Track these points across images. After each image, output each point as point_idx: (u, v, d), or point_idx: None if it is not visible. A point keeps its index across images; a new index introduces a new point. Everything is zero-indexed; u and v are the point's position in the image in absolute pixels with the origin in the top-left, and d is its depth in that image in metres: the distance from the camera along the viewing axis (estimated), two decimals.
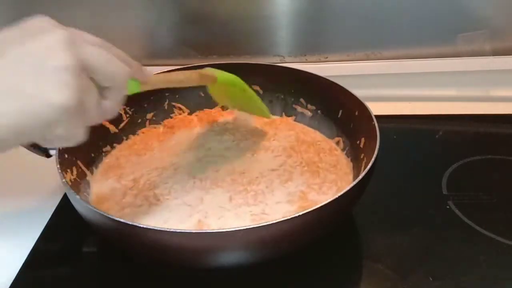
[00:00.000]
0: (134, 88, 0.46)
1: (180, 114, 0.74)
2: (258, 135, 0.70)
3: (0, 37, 0.37)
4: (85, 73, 0.38)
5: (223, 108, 0.74)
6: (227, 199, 0.58)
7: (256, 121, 0.72)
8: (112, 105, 0.42)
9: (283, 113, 0.73)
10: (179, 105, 0.74)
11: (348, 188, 0.49)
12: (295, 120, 0.73)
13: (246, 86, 0.65)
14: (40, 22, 0.39)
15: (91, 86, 0.39)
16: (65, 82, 0.35)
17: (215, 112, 0.74)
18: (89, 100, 0.38)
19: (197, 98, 0.74)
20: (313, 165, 0.63)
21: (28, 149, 0.57)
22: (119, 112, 0.68)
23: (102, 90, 0.40)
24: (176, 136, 0.71)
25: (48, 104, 0.35)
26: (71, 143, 0.39)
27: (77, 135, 0.38)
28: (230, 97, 0.69)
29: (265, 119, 0.72)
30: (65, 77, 0.35)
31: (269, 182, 0.61)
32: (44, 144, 0.39)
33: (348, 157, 0.65)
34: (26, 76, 0.35)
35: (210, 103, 0.74)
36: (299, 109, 0.72)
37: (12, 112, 0.34)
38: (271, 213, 0.56)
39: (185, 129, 0.72)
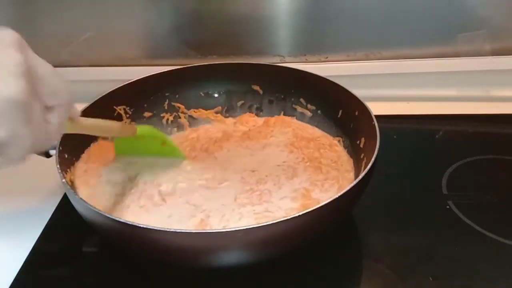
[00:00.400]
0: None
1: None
2: (256, 135, 0.70)
3: None
4: (32, 81, 0.35)
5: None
6: (232, 198, 0.58)
7: (249, 123, 0.73)
8: (54, 128, 0.38)
9: (282, 113, 0.73)
10: (179, 104, 0.74)
11: (348, 188, 0.49)
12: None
13: (166, 138, 0.64)
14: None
15: (37, 98, 0.36)
16: (16, 77, 0.33)
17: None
18: (35, 111, 0.35)
19: (197, 98, 0.74)
20: (315, 160, 0.64)
21: None
22: (119, 112, 0.69)
23: (45, 111, 0.38)
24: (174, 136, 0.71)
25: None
26: (9, 161, 0.36)
27: (18, 151, 0.35)
28: (140, 147, 0.63)
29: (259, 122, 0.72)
30: (17, 71, 0.34)
31: (277, 179, 0.61)
32: None
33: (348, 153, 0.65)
34: None
35: (209, 103, 0.74)
36: (299, 109, 0.72)
37: None
38: (274, 210, 0.56)
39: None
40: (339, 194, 0.48)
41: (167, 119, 0.73)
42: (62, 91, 0.38)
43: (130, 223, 0.46)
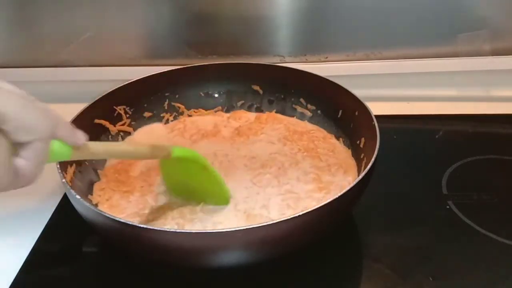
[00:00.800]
0: (63, 154, 0.38)
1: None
2: (246, 132, 0.70)
3: None
4: None
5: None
6: (250, 182, 0.60)
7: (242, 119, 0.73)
8: (29, 167, 0.34)
9: (274, 111, 0.74)
10: (179, 104, 0.74)
11: (348, 188, 0.49)
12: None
13: (208, 164, 0.55)
14: None
15: None
16: None
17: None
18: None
19: (197, 98, 0.74)
20: (312, 151, 0.65)
21: None
22: (119, 112, 0.69)
23: (17, 146, 0.34)
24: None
25: None
26: None
27: None
28: (184, 177, 0.56)
29: (249, 117, 0.72)
30: None
31: (280, 164, 0.63)
32: None
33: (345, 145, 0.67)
34: None
35: (209, 103, 0.74)
36: (299, 109, 0.73)
37: None
38: (297, 191, 0.58)
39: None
40: (339, 194, 0.48)
41: (167, 119, 0.73)
42: (36, 125, 0.33)
43: (130, 223, 0.46)
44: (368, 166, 0.51)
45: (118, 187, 0.60)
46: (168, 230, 0.47)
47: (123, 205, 0.58)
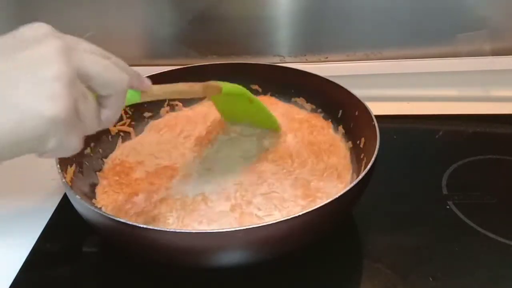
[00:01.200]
0: (134, 98, 0.45)
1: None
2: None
3: None
4: (81, 81, 0.37)
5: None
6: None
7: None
8: (111, 114, 0.41)
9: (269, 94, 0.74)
10: (178, 102, 0.74)
11: (348, 188, 0.49)
12: None
13: (253, 97, 0.64)
14: (35, 30, 0.37)
15: (88, 95, 0.38)
16: (57, 93, 0.34)
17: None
18: (86, 109, 0.37)
19: (197, 98, 0.74)
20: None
21: None
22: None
23: (100, 98, 0.40)
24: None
25: (39, 117, 0.34)
26: (67, 153, 0.38)
27: (72, 146, 0.37)
28: (236, 110, 0.66)
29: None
30: (57, 88, 0.34)
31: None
32: (41, 156, 0.37)
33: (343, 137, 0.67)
34: (18, 87, 0.34)
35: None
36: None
37: (4, 124, 0.33)
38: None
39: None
40: (339, 194, 0.48)
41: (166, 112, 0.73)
42: (114, 82, 0.39)
43: (130, 223, 0.46)
44: (368, 166, 0.51)
45: (122, 189, 0.60)
46: (168, 230, 0.46)
47: (127, 206, 0.58)
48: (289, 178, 0.60)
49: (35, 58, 0.35)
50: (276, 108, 0.72)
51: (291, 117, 0.70)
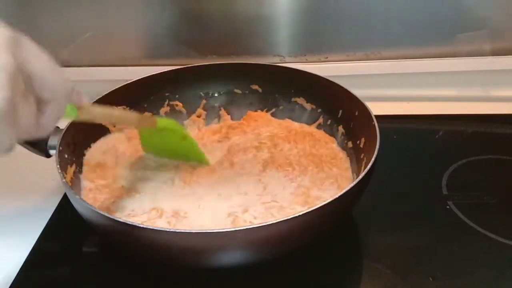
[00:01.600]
0: (71, 113, 0.43)
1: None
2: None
3: None
4: (24, 78, 0.35)
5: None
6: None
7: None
8: (49, 122, 0.38)
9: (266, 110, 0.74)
10: (179, 104, 0.74)
11: (348, 188, 0.49)
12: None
13: (186, 133, 0.63)
14: None
15: (28, 96, 0.36)
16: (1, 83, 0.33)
17: None
18: (23, 109, 0.35)
19: (197, 98, 0.74)
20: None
21: (28, 148, 0.57)
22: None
23: (40, 104, 0.37)
24: None
25: None
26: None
27: (3, 145, 0.34)
28: (164, 144, 0.63)
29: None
30: (1, 77, 0.33)
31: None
32: None
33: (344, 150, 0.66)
34: None
35: (208, 103, 0.74)
36: (298, 108, 0.72)
37: None
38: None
39: None
40: (339, 194, 0.48)
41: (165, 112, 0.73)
42: (59, 86, 0.38)
43: (130, 223, 0.46)
44: (368, 166, 0.51)
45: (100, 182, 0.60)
46: (168, 230, 0.46)
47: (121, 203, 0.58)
48: (291, 186, 0.60)
49: None
50: (270, 123, 0.72)
51: (290, 128, 0.70)
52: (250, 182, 0.60)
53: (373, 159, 0.52)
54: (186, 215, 0.56)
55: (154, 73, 0.71)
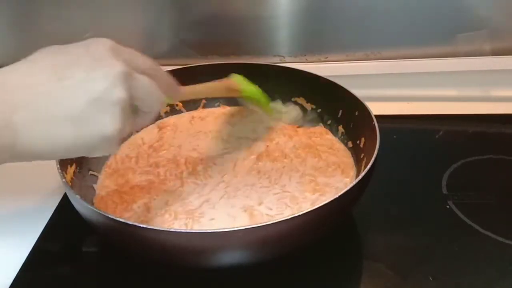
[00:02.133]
0: (167, 100, 0.50)
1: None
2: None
3: (61, 58, 0.41)
4: (131, 104, 0.42)
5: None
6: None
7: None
8: (143, 123, 0.47)
9: None
10: (178, 102, 0.74)
11: (348, 188, 0.49)
12: None
13: (267, 100, 0.69)
14: (102, 47, 0.43)
15: (130, 113, 0.43)
16: (115, 116, 0.40)
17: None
18: (128, 125, 0.42)
19: (197, 99, 0.74)
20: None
21: None
22: None
23: (138, 111, 0.45)
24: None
25: (100, 135, 0.39)
26: (105, 154, 0.43)
27: (111, 153, 0.47)
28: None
29: None
30: (117, 111, 0.40)
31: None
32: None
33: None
34: (83, 104, 0.38)
35: (211, 101, 0.74)
36: (298, 108, 0.72)
37: (68, 136, 0.39)
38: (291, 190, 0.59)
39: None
40: (339, 194, 0.48)
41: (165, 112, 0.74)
42: (157, 105, 0.46)
43: (130, 223, 0.46)
44: (368, 166, 0.51)
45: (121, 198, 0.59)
46: (168, 230, 0.46)
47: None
48: (295, 175, 0.61)
49: (101, 79, 0.39)
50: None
51: (284, 126, 0.71)
52: (252, 176, 0.61)
53: (373, 159, 0.52)
54: (202, 215, 0.56)
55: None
